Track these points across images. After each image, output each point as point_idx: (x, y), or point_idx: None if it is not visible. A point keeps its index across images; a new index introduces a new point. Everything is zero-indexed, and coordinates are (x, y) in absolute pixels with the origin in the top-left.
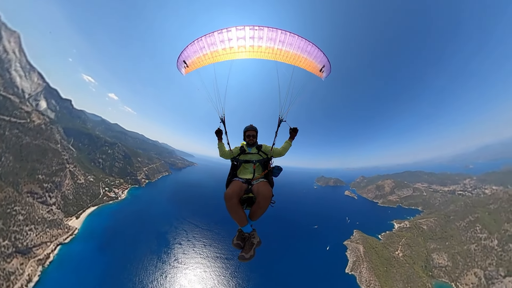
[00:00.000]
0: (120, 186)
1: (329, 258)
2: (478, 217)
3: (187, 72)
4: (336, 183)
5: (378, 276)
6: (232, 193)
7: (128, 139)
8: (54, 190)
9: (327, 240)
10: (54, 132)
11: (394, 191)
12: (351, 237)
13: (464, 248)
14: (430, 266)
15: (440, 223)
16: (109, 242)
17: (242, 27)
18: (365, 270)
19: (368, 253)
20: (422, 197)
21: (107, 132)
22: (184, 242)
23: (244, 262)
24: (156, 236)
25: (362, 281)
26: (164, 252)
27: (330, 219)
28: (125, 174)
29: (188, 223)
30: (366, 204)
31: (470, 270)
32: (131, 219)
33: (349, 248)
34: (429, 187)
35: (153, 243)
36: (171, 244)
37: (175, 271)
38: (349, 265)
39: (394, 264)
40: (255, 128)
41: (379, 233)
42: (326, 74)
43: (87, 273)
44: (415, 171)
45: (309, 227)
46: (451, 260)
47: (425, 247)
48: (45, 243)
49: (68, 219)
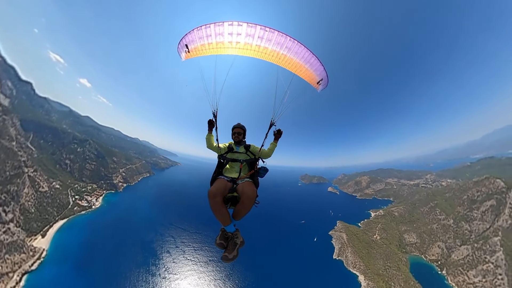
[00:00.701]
0: (93, 193)
1: (318, 248)
2: (437, 203)
3: (187, 57)
4: (320, 180)
5: (362, 257)
6: (216, 191)
7: (101, 135)
8: (10, 203)
9: (314, 233)
10: (7, 125)
11: (369, 185)
12: (335, 227)
13: (428, 227)
14: (403, 244)
15: (408, 209)
16: (86, 260)
17: (253, 25)
18: (350, 254)
19: (351, 240)
20: (393, 189)
21: (76, 126)
22: (173, 249)
23: (227, 262)
24: (141, 246)
25: (349, 264)
26: (152, 264)
27: (315, 213)
28: (98, 178)
29: (175, 228)
30: (346, 198)
31: (434, 243)
32: (110, 230)
33: (334, 237)
34: (398, 181)
35: (139, 255)
36: (158, 253)
37: (167, 283)
38: (336, 251)
39: (374, 246)
40: (243, 126)
41: (359, 221)
42: (322, 87)
43: None
44: (387, 168)
45: (297, 222)
46: (419, 238)
47: (398, 230)
48: (6, 275)
49: (31, 238)
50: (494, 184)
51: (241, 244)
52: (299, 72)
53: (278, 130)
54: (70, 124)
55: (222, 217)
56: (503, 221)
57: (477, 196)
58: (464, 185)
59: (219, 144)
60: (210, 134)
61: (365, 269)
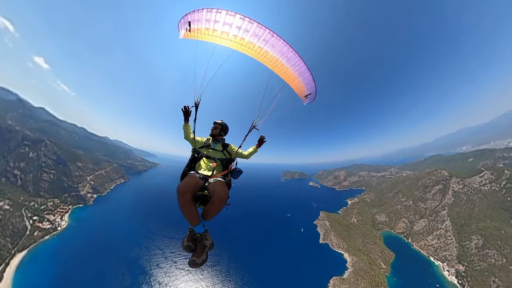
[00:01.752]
0: (56, 210)
1: (305, 236)
2: (399, 189)
3: (185, 37)
4: (301, 176)
5: (344, 238)
6: (186, 187)
7: (61, 133)
8: None
9: (300, 224)
10: None
11: (346, 178)
12: (319, 217)
13: (394, 208)
14: (375, 223)
15: (377, 196)
16: None
17: (263, 26)
18: (334, 237)
19: (333, 225)
20: (365, 181)
21: (27, 121)
22: (162, 262)
23: (195, 268)
24: (126, 266)
25: (334, 245)
26: (143, 283)
27: (300, 206)
28: (60, 190)
29: (161, 238)
30: (327, 191)
31: (400, 220)
32: (85, 255)
33: (318, 225)
34: (369, 174)
35: (126, 276)
36: (147, 270)
37: None
38: (321, 237)
39: (352, 228)
40: (223, 123)
41: (339, 209)
42: (309, 101)
43: None
44: (360, 164)
45: (283, 216)
46: (387, 217)
47: (370, 212)
48: None
49: None
50: (441, 174)
51: (211, 247)
52: (291, 82)
53: (262, 138)
54: (18, 119)
55: (190, 216)
56: (447, 199)
57: (429, 182)
58: (419, 175)
59: (196, 137)
60: (187, 124)
61: (348, 248)
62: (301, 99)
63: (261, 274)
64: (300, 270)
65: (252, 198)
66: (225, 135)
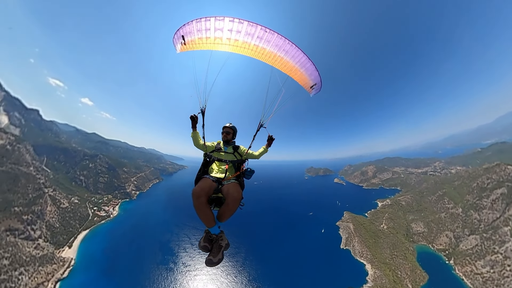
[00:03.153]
0: (109, 203)
1: (326, 238)
2: (445, 191)
3: (182, 50)
4: (326, 172)
5: (369, 247)
6: (200, 191)
7: (110, 149)
8: (37, 221)
9: (322, 224)
10: (22, 152)
11: (376, 175)
12: (342, 218)
13: (436, 216)
14: (410, 233)
15: (416, 198)
16: (112, 264)
17: (254, 24)
18: (357, 243)
19: (358, 229)
20: (400, 178)
21: (85, 143)
22: (188, 247)
23: (211, 266)
24: (159, 247)
25: (356, 253)
26: (171, 261)
27: (323, 205)
28: (112, 189)
29: (189, 228)
30: (353, 188)
31: (442, 233)
32: (129, 235)
33: (341, 227)
34: (406, 170)
35: (158, 254)
36: (175, 252)
37: (186, 277)
38: (343, 241)
39: (380, 236)
40: (233, 127)
41: (366, 211)
42: (315, 92)
43: None
44: (393, 157)
45: (305, 214)
46: (426, 227)
47: (405, 219)
48: (42, 284)
49: (60, 250)
50: (505, 171)
51: (226, 247)
52: (294, 75)
53: (271, 137)
54: (79, 142)
55: (206, 218)
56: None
57: (487, 183)
58: (474, 172)
59: (207, 143)
60: (195, 132)
61: (372, 258)
62: (307, 91)
63: (275, 272)
64: (315, 275)
65: (275, 196)
66: (235, 138)
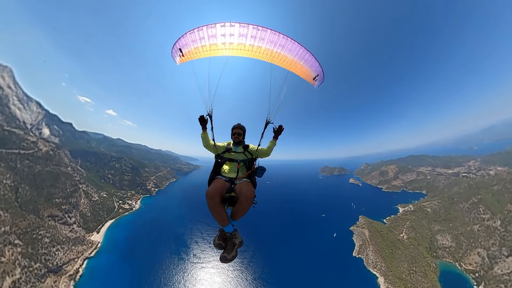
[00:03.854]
0: (132, 198)
1: (337, 243)
2: (481, 198)
3: (181, 61)
4: (341, 171)
5: (384, 257)
6: (214, 191)
7: (132, 151)
8: (72, 210)
9: (334, 227)
10: (62, 156)
11: (398, 176)
12: (357, 223)
13: (468, 229)
14: (434, 247)
15: (444, 205)
16: (131, 250)
17: (245, 24)
18: (371, 252)
19: (374, 237)
20: (426, 180)
21: (111, 148)
22: (200, 240)
23: (225, 263)
24: (173, 238)
25: (369, 263)
26: (183, 252)
27: (336, 207)
28: (135, 186)
29: (201, 224)
30: (370, 191)
31: (473, 250)
32: (148, 226)
33: (355, 233)
34: (433, 170)
35: (172, 245)
36: (188, 244)
37: (196, 267)
38: (356, 249)
39: (399, 246)
40: (243, 127)
41: (384, 217)
42: (319, 83)
43: (116, 280)
44: (419, 155)
45: (317, 216)
46: (454, 241)
47: (429, 229)
48: (73, 260)
49: (89, 234)
50: None
51: (240, 245)
52: (294, 69)
53: (279, 127)
54: (106, 147)
55: (220, 218)
56: None
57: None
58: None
59: (218, 143)
60: (205, 132)
61: (386, 271)
62: (311, 84)
63: (281, 273)
64: (321, 282)
65: (286, 196)
66: (244, 137)
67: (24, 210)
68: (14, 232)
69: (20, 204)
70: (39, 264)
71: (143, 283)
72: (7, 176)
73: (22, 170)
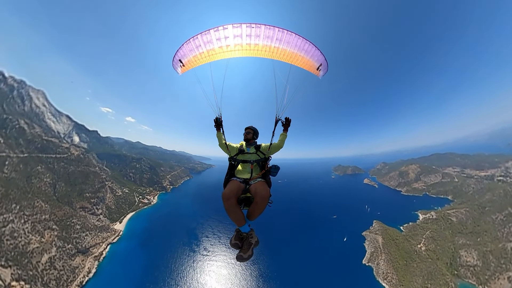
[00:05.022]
0: (150, 194)
1: (347, 248)
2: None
3: (183, 71)
4: (354, 171)
5: (396, 269)
6: (230, 193)
7: (150, 153)
8: (100, 203)
9: (345, 231)
10: (90, 158)
11: (420, 177)
12: (370, 228)
13: (499, 246)
14: (456, 264)
15: (473, 214)
16: (148, 239)
17: (238, 25)
18: (383, 262)
19: (387, 245)
20: (453, 184)
21: (132, 150)
22: (211, 235)
23: (242, 262)
24: (186, 231)
25: (379, 273)
26: (194, 244)
27: (348, 209)
28: (153, 183)
29: (213, 220)
30: (387, 193)
31: (503, 273)
32: (164, 219)
33: (368, 239)
34: (462, 172)
35: (185, 237)
36: (199, 237)
37: (205, 259)
38: (367, 256)
39: (415, 258)
40: (255, 128)
41: (401, 224)
42: (323, 73)
43: (133, 264)
44: (445, 153)
45: (328, 217)
46: (481, 259)
47: (453, 242)
48: (98, 244)
49: (113, 224)
50: None
51: (256, 244)
52: (296, 61)
53: (286, 119)
54: (127, 150)
55: (236, 218)
56: None
57: None
58: None
59: (231, 144)
60: (219, 132)
61: (397, 284)
62: (316, 74)
63: (285, 273)
64: (326, 286)
65: (297, 195)
66: (257, 138)
67: (60, 202)
68: (52, 219)
69: (57, 197)
70: (71, 245)
71: (157, 268)
72: (47, 175)
73: (58, 171)
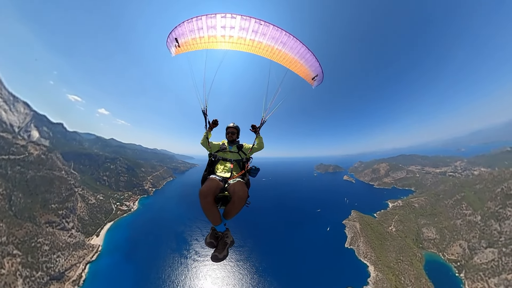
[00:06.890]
0: (130, 199)
1: (331, 236)
2: (464, 195)
3: (177, 53)
4: (335, 169)
5: (374, 248)
6: (207, 190)
7: (127, 151)
8: (70, 215)
9: (328, 222)
10: (54, 159)
11: (389, 173)
12: (349, 217)
13: (451, 223)
14: (420, 239)
15: (430, 201)
16: (132, 250)
17: (248, 18)
18: (362, 244)
19: (364, 229)
20: (415, 178)
21: (105, 148)
22: (200, 238)
23: (216, 262)
24: (174, 236)
25: (360, 253)
26: (184, 249)
27: (330, 202)
28: (132, 186)
29: (200, 221)
30: (363, 187)
31: (455, 242)
32: (148, 226)
33: (347, 226)
34: (422, 169)
35: (173, 243)
36: (189, 241)
37: (197, 264)
38: (348, 240)
39: (388, 238)
40: (237, 126)
41: (375, 211)
42: (317, 83)
43: (121, 281)
44: (410, 154)
45: (313, 211)
46: (439, 234)
47: (416, 223)
48: (74, 265)
49: (89, 238)
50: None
51: (231, 244)
52: (294, 67)
53: (252, 126)
54: (99, 148)
55: (213, 217)
56: None
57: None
58: (500, 176)
59: (213, 142)
60: (209, 133)
61: (376, 260)
62: (309, 83)
63: (278, 266)
64: (317, 272)
65: (282, 192)
66: (239, 136)
67: (19, 219)
68: (12, 242)
69: (14, 212)
70: (41, 272)
71: (147, 281)
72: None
73: (13, 177)
